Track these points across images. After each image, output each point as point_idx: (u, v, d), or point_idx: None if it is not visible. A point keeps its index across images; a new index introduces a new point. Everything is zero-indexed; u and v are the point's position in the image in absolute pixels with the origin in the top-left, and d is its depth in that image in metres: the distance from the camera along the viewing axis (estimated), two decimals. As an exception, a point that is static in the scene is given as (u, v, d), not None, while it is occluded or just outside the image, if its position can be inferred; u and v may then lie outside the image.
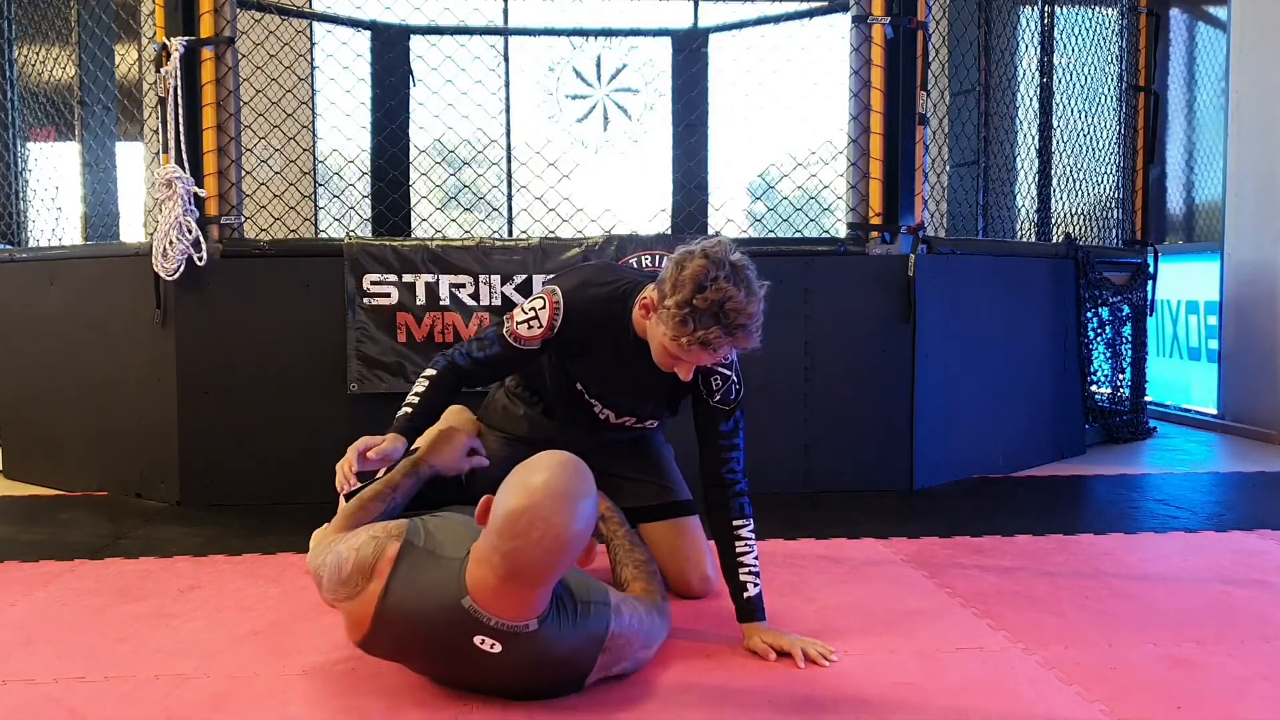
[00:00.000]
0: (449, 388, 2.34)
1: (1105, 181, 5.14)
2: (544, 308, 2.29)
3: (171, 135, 3.58)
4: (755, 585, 2.26)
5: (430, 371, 2.34)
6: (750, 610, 2.25)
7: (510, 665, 1.84)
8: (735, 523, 2.29)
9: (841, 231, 4.01)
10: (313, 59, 5.58)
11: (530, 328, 2.29)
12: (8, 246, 4.38)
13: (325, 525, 2.21)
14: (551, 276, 2.48)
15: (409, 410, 2.29)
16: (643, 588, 2.26)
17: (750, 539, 2.29)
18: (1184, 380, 5.83)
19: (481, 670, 1.86)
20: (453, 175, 5.74)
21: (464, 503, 2.22)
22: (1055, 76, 4.86)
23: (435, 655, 1.89)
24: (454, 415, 2.66)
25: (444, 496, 2.36)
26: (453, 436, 2.42)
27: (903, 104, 3.79)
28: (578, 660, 1.91)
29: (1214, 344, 5.53)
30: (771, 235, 4.59)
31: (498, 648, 1.82)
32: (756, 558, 2.28)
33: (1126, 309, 5.10)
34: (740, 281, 2.04)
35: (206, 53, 3.61)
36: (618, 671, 2.01)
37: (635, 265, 3.70)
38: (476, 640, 1.82)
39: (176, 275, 3.59)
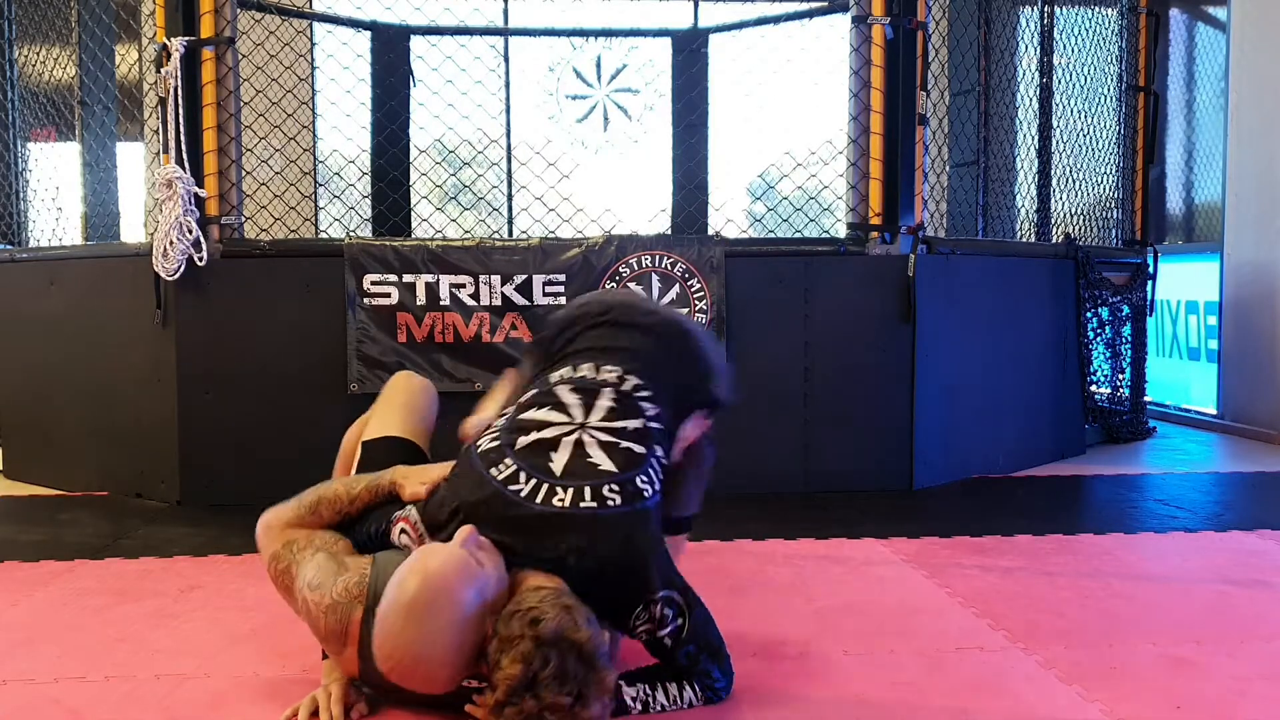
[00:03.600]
0: None
1: (1105, 181, 5.14)
2: None
3: (172, 135, 3.58)
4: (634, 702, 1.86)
5: None
6: None
7: None
8: (681, 676, 1.91)
9: (841, 231, 4.01)
10: (313, 59, 5.58)
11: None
12: (8, 246, 4.38)
13: (278, 508, 2.05)
14: None
15: None
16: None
17: (676, 696, 1.89)
18: (1184, 380, 5.83)
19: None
20: (453, 175, 5.74)
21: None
22: (1055, 76, 4.86)
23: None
24: (416, 390, 2.42)
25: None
26: (426, 472, 2.06)
27: (903, 104, 3.79)
28: None
29: (1214, 344, 5.53)
30: (771, 235, 4.59)
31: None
32: (660, 703, 1.88)
33: (1126, 309, 5.10)
34: (567, 680, 1.57)
35: (207, 53, 3.61)
36: None
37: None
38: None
39: (177, 275, 3.59)
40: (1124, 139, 5.14)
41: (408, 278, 3.67)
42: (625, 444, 1.91)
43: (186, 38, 3.58)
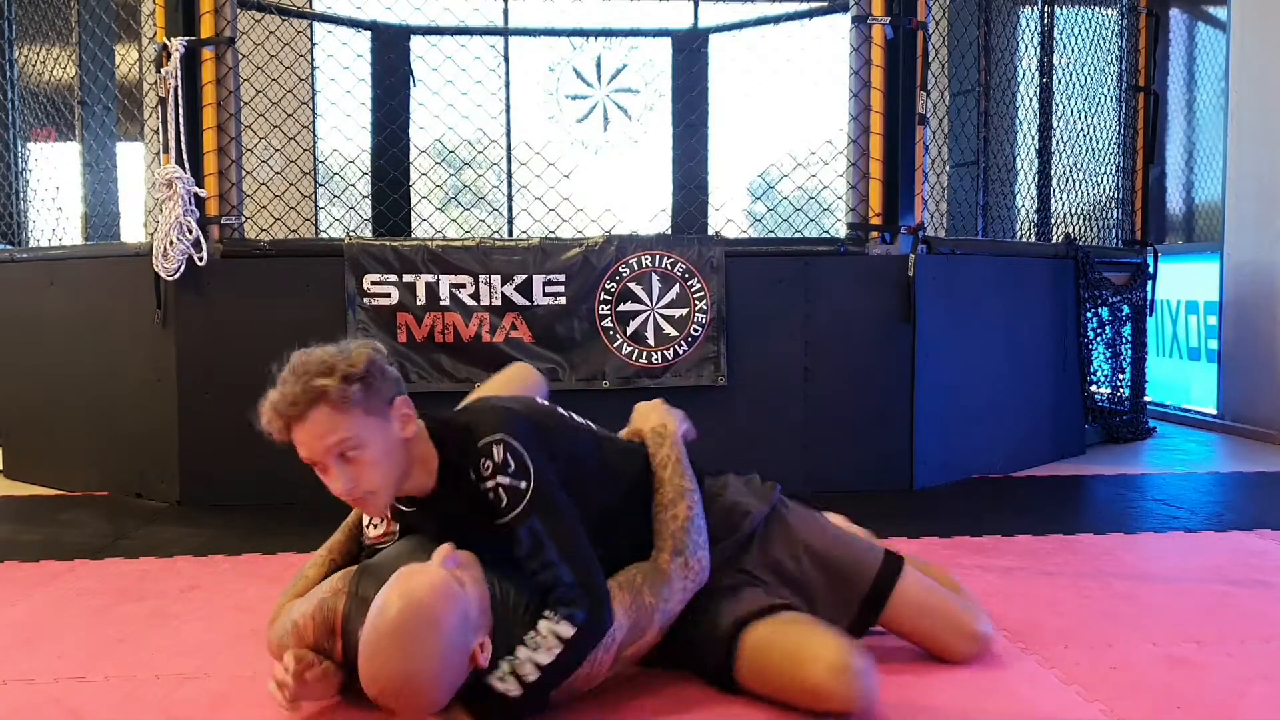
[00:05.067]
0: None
1: (1105, 181, 5.14)
2: None
3: (172, 135, 3.58)
4: (504, 682, 1.71)
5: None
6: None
7: None
8: (546, 611, 1.76)
9: (841, 231, 4.01)
10: (313, 59, 5.58)
11: (376, 527, 2.09)
12: (8, 246, 4.39)
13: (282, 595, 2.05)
14: None
15: None
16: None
17: (550, 636, 1.73)
18: (1184, 380, 5.83)
19: None
20: (453, 175, 5.74)
21: None
22: (1055, 76, 4.86)
23: None
24: (518, 373, 2.38)
25: None
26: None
27: (903, 104, 3.79)
28: None
29: (1214, 344, 5.53)
30: (771, 235, 4.59)
31: None
32: (545, 661, 1.72)
33: (1126, 309, 5.10)
34: (291, 374, 1.97)
35: (207, 53, 3.61)
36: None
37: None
38: None
39: (177, 275, 3.59)
40: (1124, 139, 5.15)
41: (408, 278, 3.67)
42: None
43: (186, 38, 3.58)
